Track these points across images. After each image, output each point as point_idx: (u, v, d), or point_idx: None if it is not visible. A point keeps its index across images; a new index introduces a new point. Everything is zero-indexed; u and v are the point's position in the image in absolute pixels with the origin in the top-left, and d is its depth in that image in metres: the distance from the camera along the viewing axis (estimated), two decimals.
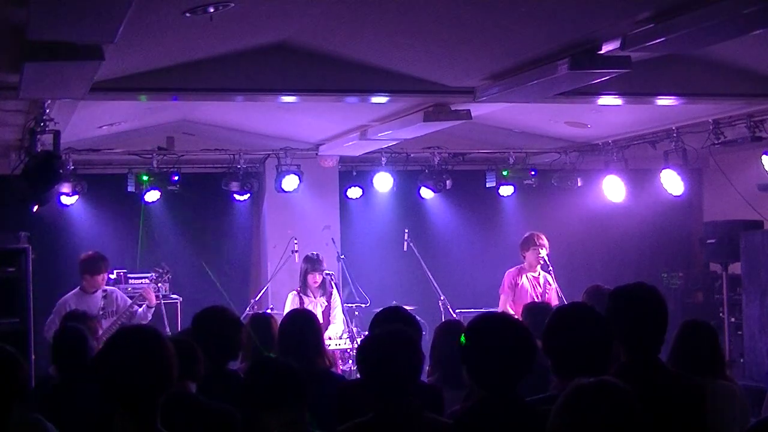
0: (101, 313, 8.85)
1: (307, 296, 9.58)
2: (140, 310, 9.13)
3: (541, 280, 9.53)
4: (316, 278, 9.56)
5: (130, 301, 9.13)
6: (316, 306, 9.52)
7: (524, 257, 9.61)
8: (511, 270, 9.66)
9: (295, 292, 9.64)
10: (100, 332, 7.73)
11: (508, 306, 9.49)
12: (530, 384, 3.69)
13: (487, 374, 3.57)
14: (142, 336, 3.30)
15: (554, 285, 9.51)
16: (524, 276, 9.56)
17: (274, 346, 5.61)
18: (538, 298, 9.32)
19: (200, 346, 4.59)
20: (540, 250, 9.49)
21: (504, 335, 3.60)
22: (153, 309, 9.23)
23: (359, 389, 4.59)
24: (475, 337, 3.65)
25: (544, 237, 9.60)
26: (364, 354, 3.81)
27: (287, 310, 8.82)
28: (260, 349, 5.72)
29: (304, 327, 5.53)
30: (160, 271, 9.82)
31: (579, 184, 11.55)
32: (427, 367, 5.55)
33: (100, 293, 9.07)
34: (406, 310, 5.37)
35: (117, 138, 9.95)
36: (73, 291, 9.09)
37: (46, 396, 5.52)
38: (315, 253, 9.80)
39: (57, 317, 8.46)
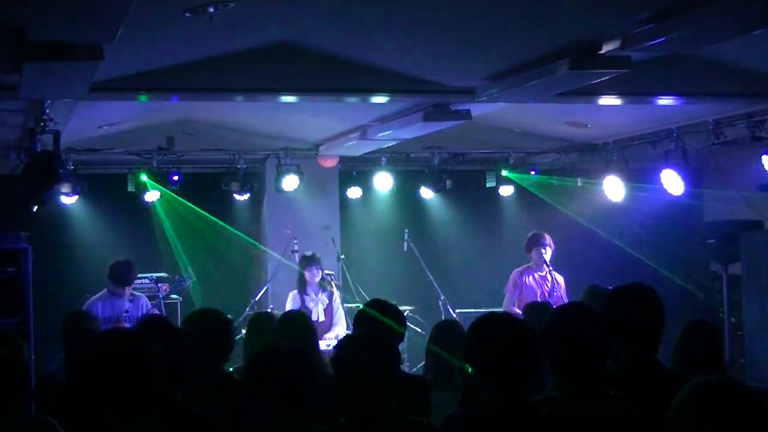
0: (125, 315, 8.94)
1: (307, 295, 9.58)
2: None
3: (549, 279, 9.53)
4: (313, 272, 9.56)
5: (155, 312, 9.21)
6: (317, 304, 9.53)
7: (529, 257, 9.65)
8: (517, 269, 9.70)
9: (295, 292, 9.65)
10: None
11: (512, 305, 9.50)
12: (528, 384, 3.68)
13: (494, 375, 3.55)
14: (124, 338, 3.34)
15: (563, 286, 9.55)
16: (531, 275, 9.58)
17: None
18: (545, 297, 9.33)
19: (191, 348, 4.58)
20: (543, 250, 9.51)
21: (511, 335, 3.59)
22: None
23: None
24: (480, 337, 3.64)
25: (548, 237, 9.62)
26: (336, 357, 3.76)
27: (287, 309, 8.83)
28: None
29: (297, 328, 5.54)
30: (185, 276, 9.89)
31: (579, 184, 11.55)
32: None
33: (127, 296, 9.17)
34: (387, 302, 5.40)
35: (117, 138, 9.94)
36: (101, 293, 9.16)
37: (52, 396, 5.52)
38: (310, 252, 9.82)
39: None
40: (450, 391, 5.04)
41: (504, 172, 11.46)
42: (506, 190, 11.62)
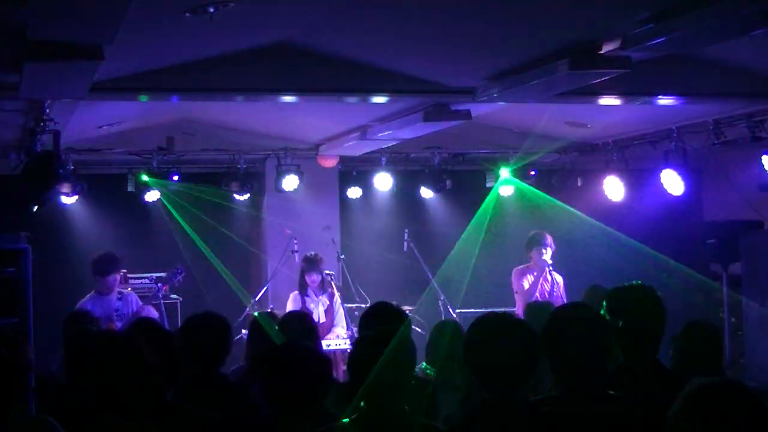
0: (116, 314, 8.88)
1: (308, 296, 9.59)
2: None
3: (549, 279, 9.52)
4: (314, 278, 9.57)
5: (152, 310, 9.16)
6: (317, 305, 9.53)
7: (530, 257, 9.64)
8: (517, 268, 9.69)
9: (296, 292, 9.66)
10: None
11: (531, 296, 9.44)
12: (528, 384, 3.68)
13: (494, 375, 3.55)
14: (122, 340, 3.35)
15: (561, 285, 9.55)
16: (531, 274, 9.57)
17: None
18: (545, 296, 9.33)
19: (190, 350, 4.60)
20: (543, 250, 9.50)
21: (511, 335, 3.58)
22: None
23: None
24: (480, 337, 3.63)
25: (549, 237, 9.61)
26: (354, 356, 3.75)
27: (288, 310, 8.84)
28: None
29: (299, 328, 5.54)
30: (176, 270, 9.89)
31: (579, 184, 11.55)
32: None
33: (115, 295, 9.10)
34: (393, 305, 5.36)
35: (117, 138, 9.94)
36: (89, 294, 9.10)
37: (52, 395, 5.52)
38: (313, 252, 9.81)
39: None
40: (449, 392, 5.04)
41: (505, 173, 11.44)
42: (506, 190, 11.61)
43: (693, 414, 2.51)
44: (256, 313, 7.18)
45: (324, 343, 8.78)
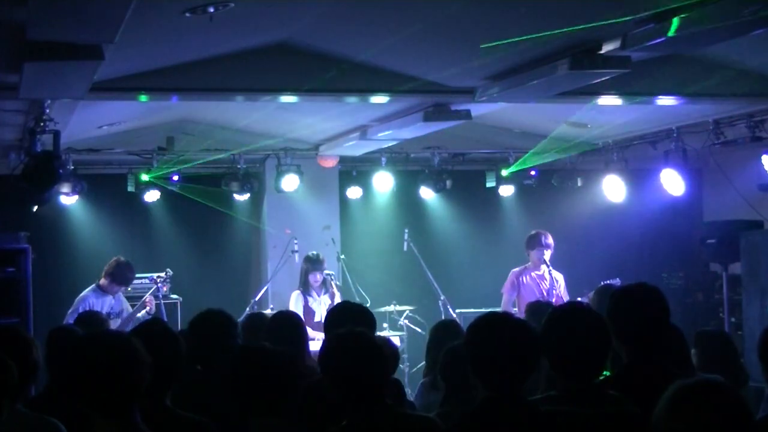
0: (110, 311, 8.90)
1: (310, 296, 9.60)
2: (140, 314, 9.16)
3: (548, 278, 9.52)
4: (316, 277, 9.58)
5: (130, 309, 9.17)
6: (319, 305, 9.54)
7: (529, 256, 9.64)
8: (515, 269, 9.70)
9: (298, 292, 9.65)
10: None
11: (510, 306, 9.50)
12: (528, 384, 3.67)
13: (493, 375, 3.55)
14: (110, 341, 3.32)
15: (562, 284, 9.56)
16: (528, 275, 9.57)
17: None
18: (543, 296, 9.32)
19: (195, 348, 4.59)
20: (544, 250, 9.50)
21: (511, 335, 3.58)
22: (151, 314, 9.29)
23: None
24: (480, 336, 3.63)
25: (549, 236, 9.61)
26: (328, 361, 3.75)
27: (291, 309, 8.85)
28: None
29: (289, 328, 5.54)
30: (165, 275, 9.91)
31: (579, 184, 11.55)
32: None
33: (114, 294, 9.14)
34: (356, 303, 5.33)
35: (117, 138, 9.95)
36: (91, 288, 9.07)
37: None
38: (315, 252, 9.82)
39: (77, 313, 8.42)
40: (437, 391, 5.03)
41: (504, 172, 11.45)
42: (506, 190, 11.62)
43: (675, 415, 2.51)
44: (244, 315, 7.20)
45: None
